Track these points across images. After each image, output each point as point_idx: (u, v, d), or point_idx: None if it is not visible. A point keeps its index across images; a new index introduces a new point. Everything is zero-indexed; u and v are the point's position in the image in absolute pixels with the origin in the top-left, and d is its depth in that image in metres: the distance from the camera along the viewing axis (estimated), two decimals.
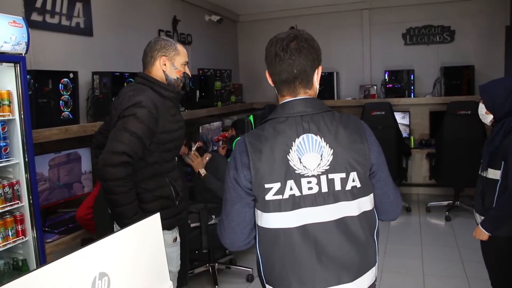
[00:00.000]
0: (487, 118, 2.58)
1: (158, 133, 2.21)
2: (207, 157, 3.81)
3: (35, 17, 3.36)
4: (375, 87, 6.41)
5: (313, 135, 1.46)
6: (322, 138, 1.46)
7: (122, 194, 2.07)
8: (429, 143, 5.96)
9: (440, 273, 3.86)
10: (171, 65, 2.33)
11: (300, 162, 1.44)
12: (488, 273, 2.65)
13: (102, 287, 1.18)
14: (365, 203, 1.51)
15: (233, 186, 1.50)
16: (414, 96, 6.26)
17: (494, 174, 2.47)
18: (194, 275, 3.76)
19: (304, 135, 1.46)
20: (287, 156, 1.44)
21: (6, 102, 2.49)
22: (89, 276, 1.16)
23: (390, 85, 6.34)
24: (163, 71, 2.32)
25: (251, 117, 3.98)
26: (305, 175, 1.44)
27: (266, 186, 1.44)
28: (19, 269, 2.58)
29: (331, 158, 1.45)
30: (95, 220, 2.79)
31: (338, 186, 1.45)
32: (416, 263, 4.07)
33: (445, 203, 5.59)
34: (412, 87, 6.26)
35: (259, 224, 1.51)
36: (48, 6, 3.47)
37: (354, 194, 1.47)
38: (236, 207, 1.51)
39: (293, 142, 1.45)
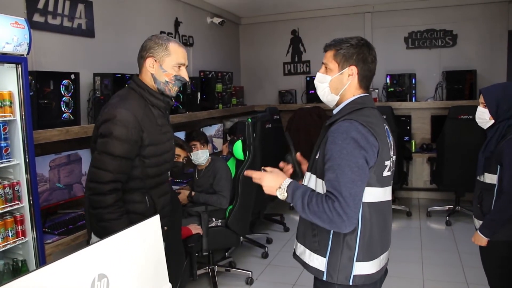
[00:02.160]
0: (488, 123, 2.56)
1: (145, 146, 2.06)
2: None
3: (37, 18, 3.36)
4: (377, 90, 6.41)
5: (385, 124, 1.78)
6: (388, 128, 1.79)
7: (112, 221, 1.98)
8: (430, 147, 5.96)
9: (440, 278, 3.85)
10: (159, 67, 2.11)
11: (389, 144, 1.73)
12: (487, 278, 2.63)
13: None
14: None
15: (363, 166, 1.60)
16: (415, 100, 6.26)
17: (490, 178, 2.47)
18: None
19: (384, 123, 1.76)
20: (387, 138, 1.73)
21: (7, 103, 2.49)
22: (88, 277, 1.16)
23: (392, 89, 6.34)
24: (151, 74, 2.12)
25: (249, 120, 3.98)
26: (391, 155, 1.75)
27: (386, 163, 1.70)
28: (19, 269, 2.58)
29: (392, 143, 1.79)
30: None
31: (394, 166, 1.81)
32: (416, 268, 4.06)
33: (446, 207, 5.59)
34: (413, 91, 6.27)
35: (368, 200, 1.67)
36: (50, 7, 3.48)
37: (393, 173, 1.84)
38: (363, 186, 1.62)
39: (385, 128, 1.74)
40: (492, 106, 2.49)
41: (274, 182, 1.75)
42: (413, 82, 6.25)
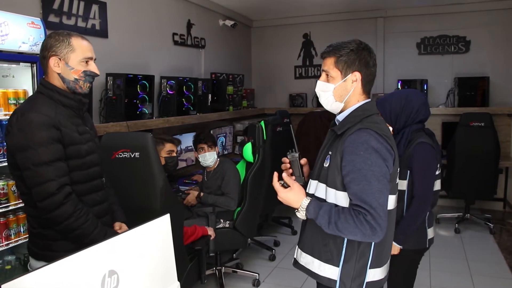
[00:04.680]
0: None
1: (66, 146, 1.88)
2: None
3: (52, 18, 3.41)
4: None
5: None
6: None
7: (83, 226, 1.85)
8: (441, 154, 5.92)
9: (447, 285, 3.82)
10: (65, 65, 1.91)
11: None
12: (388, 285, 2.55)
13: (111, 284, 1.20)
14: None
15: (387, 175, 1.61)
16: None
17: (401, 184, 2.38)
18: None
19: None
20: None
21: (22, 101, 2.53)
22: (99, 273, 1.18)
23: None
24: (58, 74, 1.92)
25: (262, 123, 3.99)
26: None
27: (398, 170, 1.74)
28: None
29: None
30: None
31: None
32: (423, 275, 4.03)
33: (455, 215, 5.54)
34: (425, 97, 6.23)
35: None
36: (65, 8, 3.53)
37: None
38: (388, 194, 1.63)
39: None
40: (384, 113, 2.47)
41: (292, 201, 1.72)
42: (425, 88, 6.21)
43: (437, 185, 2.49)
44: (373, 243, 1.67)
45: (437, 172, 2.48)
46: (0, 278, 2.55)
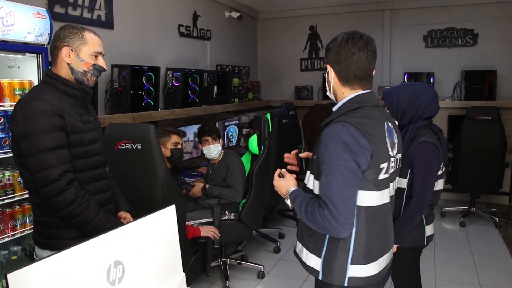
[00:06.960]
0: None
1: (69, 134, 1.90)
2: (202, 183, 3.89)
3: (58, 9, 3.41)
4: None
5: (388, 122, 1.73)
6: (392, 126, 1.75)
7: (84, 212, 1.88)
8: (447, 150, 5.89)
9: (452, 279, 3.82)
10: (76, 57, 1.95)
11: (388, 144, 1.69)
12: (394, 284, 2.55)
13: (117, 275, 1.21)
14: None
15: (354, 170, 1.55)
16: None
17: (400, 182, 2.34)
18: None
19: (386, 122, 1.71)
20: (385, 139, 1.67)
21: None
22: (104, 263, 1.18)
23: None
24: (68, 64, 1.95)
25: (268, 115, 3.98)
26: (391, 156, 1.71)
27: (381, 166, 1.64)
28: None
29: (397, 141, 1.76)
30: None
31: (398, 165, 1.81)
32: (428, 268, 4.02)
33: (461, 208, 5.53)
34: None
35: (362, 204, 1.63)
36: None
37: (397, 172, 1.83)
38: (355, 190, 1.58)
39: (384, 128, 1.69)
40: (391, 107, 2.40)
41: (282, 188, 1.79)
42: (431, 81, 6.18)
43: (439, 185, 2.43)
44: (352, 240, 1.64)
45: (440, 172, 2.40)
46: (6, 268, 2.57)
